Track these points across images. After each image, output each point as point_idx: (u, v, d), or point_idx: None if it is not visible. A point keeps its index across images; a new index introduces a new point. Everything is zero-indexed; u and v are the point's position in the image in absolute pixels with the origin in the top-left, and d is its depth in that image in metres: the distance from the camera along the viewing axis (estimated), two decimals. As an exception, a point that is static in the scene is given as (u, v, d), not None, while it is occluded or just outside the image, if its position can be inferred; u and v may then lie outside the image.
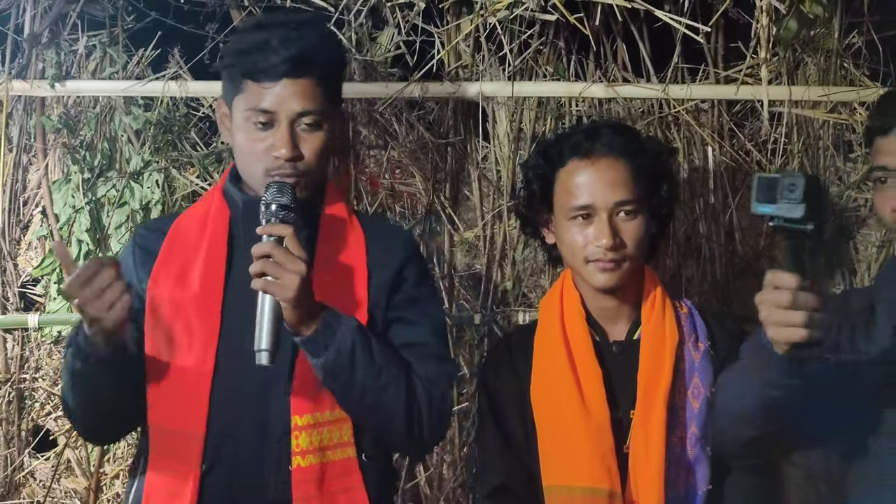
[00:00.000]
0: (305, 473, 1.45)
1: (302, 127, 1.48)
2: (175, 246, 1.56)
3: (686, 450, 1.54)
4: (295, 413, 1.45)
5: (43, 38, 2.18)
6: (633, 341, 1.61)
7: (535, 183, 1.66)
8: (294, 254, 1.35)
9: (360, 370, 1.42)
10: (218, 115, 1.59)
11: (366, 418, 1.49)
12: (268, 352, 1.34)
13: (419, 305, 1.57)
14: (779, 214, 1.27)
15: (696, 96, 2.22)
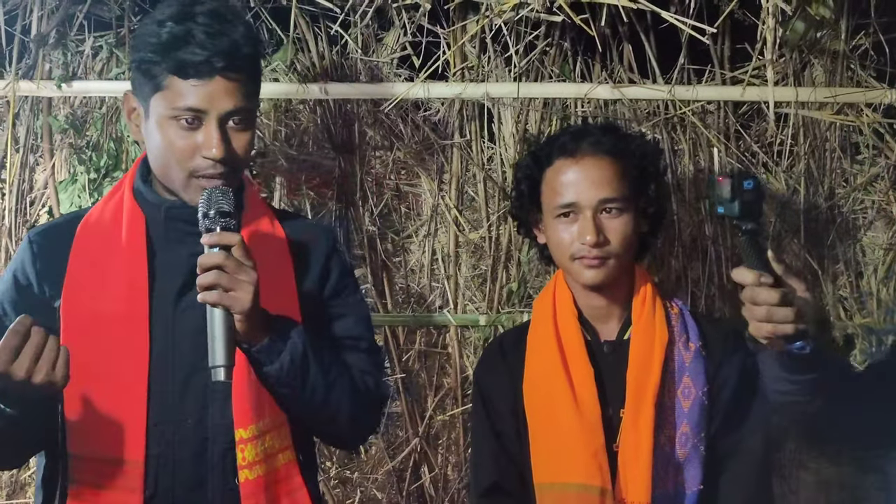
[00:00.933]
0: (253, 486, 1.40)
1: (230, 125, 1.39)
2: (86, 255, 1.44)
3: (675, 449, 1.55)
4: (239, 426, 1.39)
5: (50, 39, 2.19)
6: (623, 341, 1.62)
7: (523, 183, 1.69)
8: (244, 262, 1.28)
9: (312, 372, 1.38)
10: (125, 110, 1.46)
11: (311, 417, 1.46)
12: (224, 367, 1.27)
13: (344, 299, 1.56)
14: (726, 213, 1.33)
15: (702, 97, 2.21)
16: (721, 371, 1.59)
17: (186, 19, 1.37)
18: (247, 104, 1.41)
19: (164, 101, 1.38)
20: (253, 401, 1.40)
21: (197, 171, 1.39)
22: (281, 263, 1.49)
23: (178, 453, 1.41)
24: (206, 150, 1.37)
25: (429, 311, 2.24)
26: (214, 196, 1.32)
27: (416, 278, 2.26)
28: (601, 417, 1.55)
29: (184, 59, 1.35)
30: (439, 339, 2.25)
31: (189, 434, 1.41)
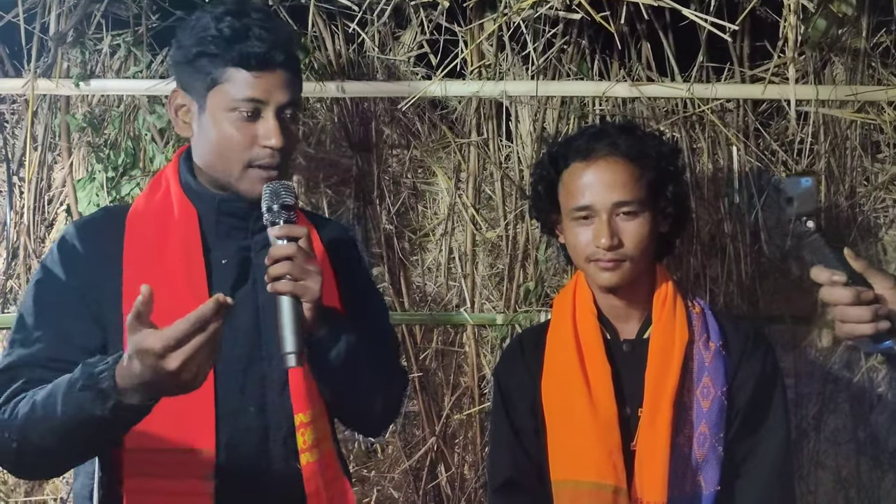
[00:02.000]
0: (314, 468, 1.45)
1: (284, 117, 1.44)
2: (141, 244, 1.45)
3: (693, 449, 1.55)
4: (298, 411, 1.44)
5: (68, 38, 2.19)
6: (643, 340, 1.62)
7: (541, 184, 1.68)
8: (310, 254, 1.34)
9: (362, 358, 1.44)
10: (171, 108, 1.49)
11: (354, 402, 1.51)
12: (295, 354, 1.31)
13: (365, 293, 1.61)
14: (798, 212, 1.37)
15: (722, 95, 2.20)
16: (741, 371, 1.58)
17: (244, 15, 1.42)
18: (298, 97, 1.47)
19: (222, 93, 1.42)
20: (308, 386, 1.45)
21: (254, 161, 1.42)
22: (320, 261, 1.50)
23: (243, 440, 1.44)
24: (266, 140, 1.41)
25: (446, 309, 2.24)
26: (278, 190, 1.36)
27: (433, 277, 2.25)
28: (618, 416, 1.54)
29: (247, 51, 1.40)
30: (456, 338, 2.25)
31: (251, 421, 1.45)
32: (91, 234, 1.48)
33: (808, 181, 1.34)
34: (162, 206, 1.49)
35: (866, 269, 1.27)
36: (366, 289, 1.63)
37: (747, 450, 1.58)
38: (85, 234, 1.48)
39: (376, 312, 1.61)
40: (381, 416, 1.57)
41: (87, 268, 1.44)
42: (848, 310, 1.25)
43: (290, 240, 1.34)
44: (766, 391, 1.58)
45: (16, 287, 2.21)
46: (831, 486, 2.19)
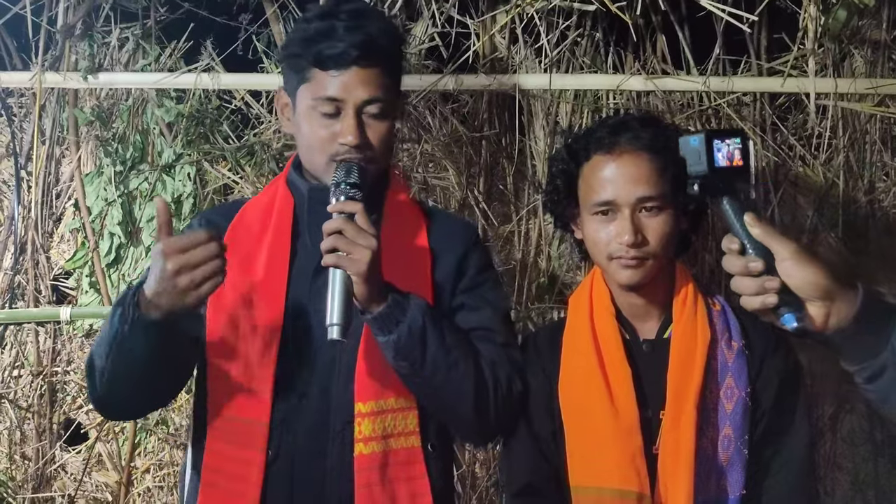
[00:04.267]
0: (368, 461, 1.44)
1: (368, 114, 1.48)
2: (239, 233, 1.55)
3: (718, 452, 1.50)
4: (359, 400, 1.45)
5: (76, 30, 2.17)
6: (663, 340, 1.57)
7: (559, 178, 1.64)
8: (364, 229, 1.35)
9: (431, 347, 1.41)
10: (278, 107, 1.58)
11: (434, 399, 1.48)
12: (339, 326, 1.32)
13: (482, 292, 1.58)
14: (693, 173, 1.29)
15: (738, 89, 2.17)
16: (764, 371, 1.54)
17: (331, 16, 1.48)
18: (383, 94, 1.48)
19: (307, 92, 1.48)
20: (376, 376, 1.46)
21: (336, 157, 1.47)
22: (419, 248, 1.55)
23: (301, 420, 1.47)
24: (343, 138, 1.46)
25: (457, 306, 2.21)
26: (343, 169, 1.42)
27: (445, 273, 2.22)
28: (639, 419, 1.50)
29: (323, 51, 1.46)
30: (468, 335, 2.22)
31: (313, 402, 1.47)
32: (210, 218, 1.61)
33: (695, 140, 1.24)
34: (268, 199, 1.59)
35: (766, 236, 1.18)
36: (477, 283, 1.58)
37: (772, 452, 1.54)
38: (207, 217, 1.63)
39: (489, 311, 1.56)
40: (475, 423, 1.49)
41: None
42: (738, 280, 1.18)
43: (345, 214, 1.36)
44: (791, 391, 1.53)
45: (23, 282, 2.19)
46: (849, 487, 2.16)
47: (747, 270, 1.17)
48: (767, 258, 1.17)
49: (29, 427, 2.21)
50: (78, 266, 2.21)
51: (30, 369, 2.21)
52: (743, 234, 1.19)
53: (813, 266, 1.16)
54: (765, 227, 1.18)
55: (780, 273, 1.16)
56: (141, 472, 2.23)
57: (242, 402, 1.46)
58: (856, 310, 1.15)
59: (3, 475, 2.19)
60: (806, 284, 1.16)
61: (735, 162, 1.24)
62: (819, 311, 1.16)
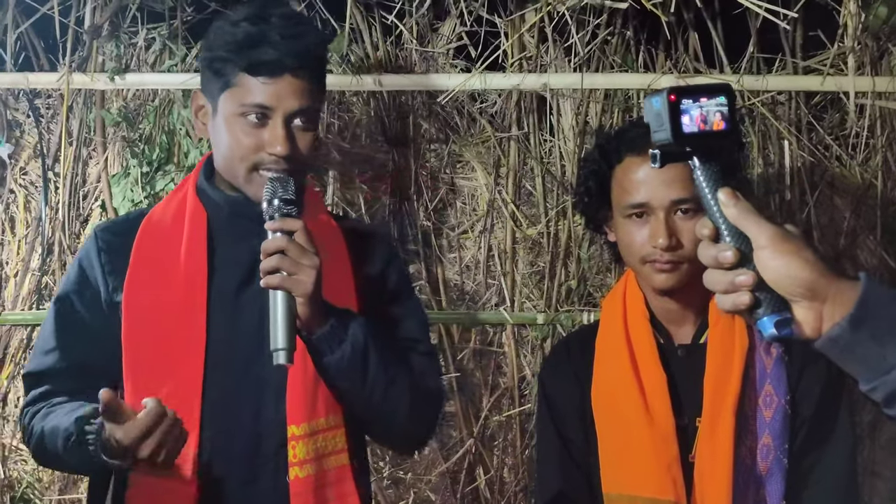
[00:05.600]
0: (303, 484, 1.40)
1: (296, 124, 1.43)
2: (147, 250, 1.48)
3: (757, 461, 1.47)
4: (291, 422, 1.41)
5: (103, 31, 2.17)
6: (699, 345, 1.54)
7: (591, 179, 1.61)
8: (307, 248, 1.30)
9: (372, 365, 1.38)
10: (193, 109, 1.52)
11: (369, 416, 1.46)
12: (286, 350, 1.27)
13: (402, 302, 1.56)
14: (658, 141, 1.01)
15: (773, 87, 2.12)
16: (804, 378, 1.50)
17: (262, 21, 1.41)
18: (313, 104, 1.45)
19: (232, 98, 1.42)
20: (307, 398, 1.41)
21: (260, 166, 1.42)
22: (340, 263, 1.50)
23: (232, 447, 1.42)
24: (271, 147, 1.40)
25: (484, 308, 2.18)
26: (277, 185, 1.34)
27: (472, 275, 2.20)
28: (675, 427, 1.47)
29: (256, 57, 1.40)
30: (495, 338, 2.19)
31: (243, 428, 1.43)
32: (111, 237, 1.52)
33: (657, 101, 0.97)
34: (175, 210, 1.51)
35: (740, 217, 0.93)
36: (397, 295, 1.56)
37: (813, 461, 1.50)
38: (106, 236, 1.53)
39: (411, 322, 1.55)
40: (407, 433, 1.50)
41: (101, 271, 1.49)
42: (708, 275, 0.95)
43: (284, 233, 1.31)
44: (832, 399, 1.50)
45: (51, 283, 2.19)
46: (887, 495, 2.10)
47: (717, 262, 0.94)
48: (746, 246, 0.92)
49: (56, 428, 2.21)
50: (105, 267, 2.21)
51: (56, 371, 2.21)
52: (717, 215, 0.95)
53: (795, 256, 0.90)
54: (741, 207, 0.93)
55: (758, 265, 0.91)
56: (167, 474, 2.22)
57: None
58: (851, 312, 0.89)
59: (30, 476, 2.19)
60: (784, 279, 0.90)
61: (715, 125, 0.96)
62: (807, 314, 0.91)
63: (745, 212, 0.93)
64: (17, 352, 2.18)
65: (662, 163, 1.00)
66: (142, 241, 1.49)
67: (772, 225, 0.92)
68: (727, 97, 0.97)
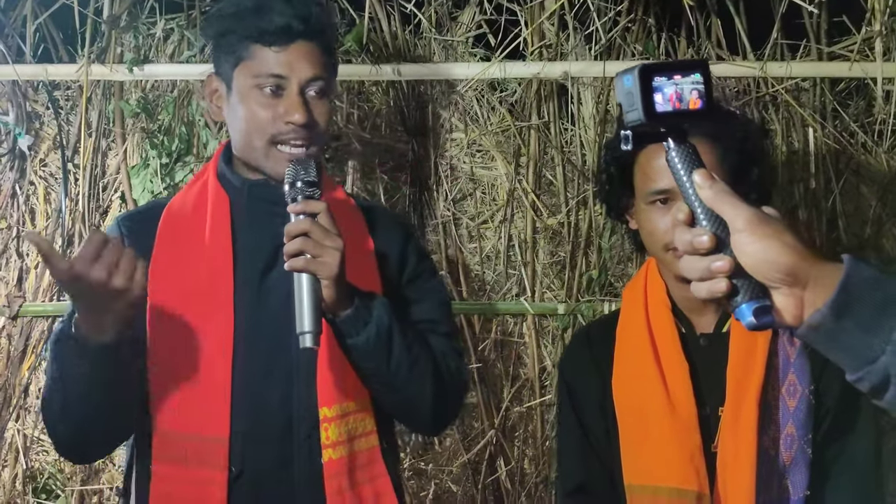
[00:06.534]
0: (337, 466, 1.40)
1: (310, 95, 1.41)
2: (171, 238, 1.47)
3: (780, 451, 1.45)
4: (323, 404, 1.40)
5: (121, 22, 2.16)
6: (721, 334, 1.52)
7: (613, 166, 1.58)
8: (330, 230, 1.29)
9: (396, 346, 1.37)
10: (206, 94, 1.50)
11: (394, 397, 1.44)
12: (312, 333, 1.26)
13: (422, 283, 1.55)
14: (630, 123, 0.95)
15: (798, 74, 2.09)
16: (828, 367, 1.48)
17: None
18: (325, 73, 1.43)
19: (246, 71, 1.41)
20: (338, 379, 1.40)
21: (279, 137, 1.40)
22: (362, 242, 1.49)
23: (263, 431, 1.41)
24: (289, 116, 1.39)
25: (505, 299, 2.17)
26: (299, 167, 1.33)
27: (492, 265, 2.19)
28: (697, 416, 1.45)
29: (264, 26, 1.38)
30: (516, 329, 2.18)
31: (275, 412, 1.42)
32: (134, 226, 1.51)
33: (628, 79, 0.91)
34: (197, 197, 1.49)
35: (716, 200, 0.88)
36: (417, 275, 1.55)
37: (837, 451, 1.48)
38: (130, 224, 1.51)
39: (431, 303, 1.54)
40: (432, 413, 1.48)
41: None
42: (684, 261, 0.90)
43: (308, 216, 1.29)
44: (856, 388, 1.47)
45: (71, 275, 2.19)
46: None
47: (692, 247, 0.89)
48: (723, 231, 0.88)
49: (77, 419, 2.21)
50: (125, 258, 2.21)
51: (77, 362, 2.22)
52: (693, 198, 0.91)
53: (774, 239, 0.85)
54: (717, 189, 0.89)
55: (735, 250, 0.87)
56: (188, 465, 2.23)
57: (198, 418, 1.38)
58: (832, 298, 0.83)
59: (52, 467, 2.20)
60: (763, 264, 0.85)
61: (691, 104, 0.91)
62: (787, 301, 0.86)
63: (721, 194, 0.89)
64: (39, 343, 2.18)
65: (635, 144, 0.95)
66: (164, 228, 1.48)
67: (749, 207, 0.88)
68: (703, 74, 0.91)
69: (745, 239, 0.86)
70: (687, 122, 0.93)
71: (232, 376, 1.39)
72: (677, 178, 0.93)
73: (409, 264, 1.54)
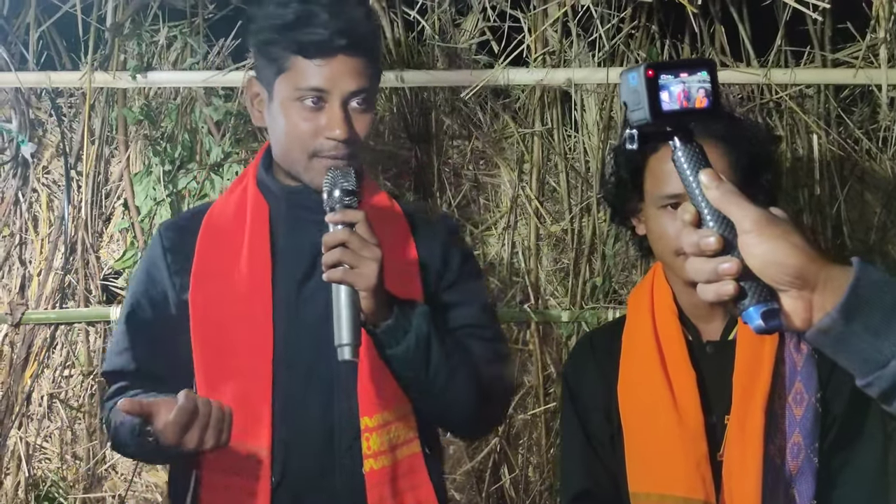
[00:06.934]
0: (378, 476, 1.39)
1: (353, 106, 1.39)
2: (211, 247, 1.47)
3: (787, 460, 1.44)
4: (364, 414, 1.40)
5: (125, 29, 2.16)
6: (728, 341, 1.51)
7: (624, 169, 1.58)
8: (368, 240, 1.27)
9: (435, 354, 1.35)
10: (247, 97, 1.48)
11: (435, 405, 1.43)
12: (350, 346, 1.26)
13: (466, 287, 1.52)
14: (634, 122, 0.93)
15: (803, 81, 2.09)
16: (835, 375, 1.47)
17: (310, 1, 1.37)
18: (368, 84, 1.41)
19: (287, 82, 1.39)
20: (379, 389, 1.40)
21: (319, 152, 1.39)
22: (404, 248, 1.48)
23: (304, 441, 1.41)
24: (330, 131, 1.37)
25: (508, 306, 2.16)
26: (337, 175, 1.32)
27: (496, 272, 2.18)
28: (704, 424, 1.45)
29: (306, 38, 1.36)
30: (520, 336, 2.17)
31: (315, 422, 1.42)
32: (174, 235, 1.51)
33: (634, 77, 0.90)
34: (237, 204, 1.49)
35: (723, 200, 0.87)
36: (460, 279, 1.52)
37: (844, 460, 1.47)
38: (170, 234, 1.52)
39: (476, 307, 1.51)
40: (472, 419, 1.46)
41: (167, 271, 1.48)
42: (691, 263, 0.89)
43: (346, 225, 1.28)
44: (864, 397, 1.46)
45: (73, 282, 2.19)
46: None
47: (699, 248, 0.88)
48: (730, 232, 0.87)
49: (80, 427, 2.20)
50: (127, 266, 2.20)
51: (80, 369, 2.21)
52: (700, 199, 0.90)
53: (782, 241, 0.84)
54: (724, 190, 0.88)
55: (742, 251, 0.85)
56: (190, 473, 2.22)
57: (239, 428, 1.36)
58: (841, 301, 0.82)
59: (54, 475, 2.19)
60: (771, 266, 0.84)
61: (698, 103, 0.90)
62: (796, 304, 0.85)
63: (728, 194, 0.87)
64: (41, 350, 2.18)
65: (641, 144, 0.94)
66: (205, 237, 1.47)
67: (757, 208, 0.86)
68: (709, 72, 0.91)
69: (752, 240, 0.85)
70: (693, 120, 0.91)
71: (273, 385, 1.39)
72: (683, 179, 0.92)
73: (451, 267, 1.52)
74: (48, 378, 2.19)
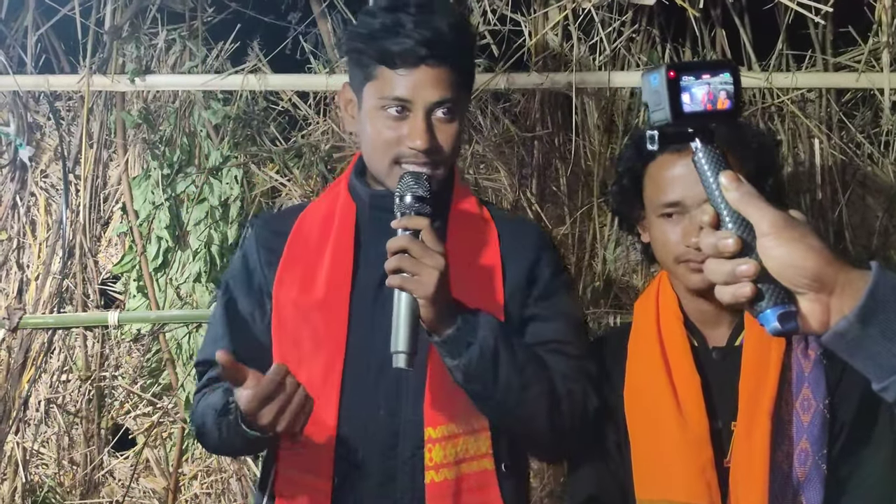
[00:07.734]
0: (439, 488, 1.37)
1: (437, 116, 1.39)
2: (299, 246, 1.48)
3: (794, 467, 1.42)
4: (429, 425, 1.38)
5: (123, 32, 2.15)
6: (734, 347, 1.50)
7: (625, 177, 1.57)
8: (431, 248, 1.26)
9: (504, 368, 1.32)
10: (341, 102, 1.50)
11: (506, 421, 1.40)
12: (405, 354, 1.25)
13: (554, 301, 1.48)
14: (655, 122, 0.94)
15: (803, 85, 2.08)
16: (844, 380, 1.45)
17: (397, 9, 1.38)
18: (453, 95, 1.40)
19: (373, 90, 1.40)
20: (446, 400, 1.38)
21: (400, 159, 1.40)
22: (488, 256, 1.47)
23: (369, 444, 1.40)
24: (411, 141, 1.38)
25: (509, 310, 2.15)
26: (410, 180, 1.33)
27: (496, 276, 2.17)
28: (709, 430, 1.43)
29: (389, 48, 1.37)
30: (520, 340, 2.16)
31: (381, 426, 1.40)
32: (266, 231, 1.54)
33: (655, 78, 0.90)
34: (328, 206, 1.51)
35: (742, 202, 0.87)
36: (548, 293, 1.49)
37: (852, 467, 1.45)
38: (262, 229, 1.55)
39: (562, 322, 1.47)
40: (549, 438, 1.42)
41: (258, 264, 1.51)
42: (709, 264, 0.89)
43: (411, 232, 1.28)
44: (873, 403, 1.44)
45: (71, 286, 2.18)
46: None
47: (717, 250, 0.88)
48: (749, 234, 0.87)
49: (77, 432, 2.20)
50: (126, 270, 2.20)
51: (78, 374, 2.20)
52: (719, 200, 0.89)
53: (800, 243, 0.84)
54: (744, 191, 0.88)
55: (760, 253, 0.86)
56: (188, 478, 2.21)
57: (307, 427, 1.36)
58: (859, 305, 0.82)
59: (51, 480, 2.18)
60: (788, 268, 0.84)
61: (719, 104, 0.90)
62: (813, 307, 0.85)
63: (747, 196, 0.87)
64: (39, 355, 2.17)
65: (661, 145, 0.94)
66: (295, 235, 1.49)
67: (775, 210, 0.86)
68: (732, 74, 0.91)
69: (770, 242, 0.85)
70: (714, 122, 0.91)
71: (342, 385, 1.40)
72: (703, 180, 0.91)
73: (540, 280, 1.48)
74: (45, 383, 2.18)
